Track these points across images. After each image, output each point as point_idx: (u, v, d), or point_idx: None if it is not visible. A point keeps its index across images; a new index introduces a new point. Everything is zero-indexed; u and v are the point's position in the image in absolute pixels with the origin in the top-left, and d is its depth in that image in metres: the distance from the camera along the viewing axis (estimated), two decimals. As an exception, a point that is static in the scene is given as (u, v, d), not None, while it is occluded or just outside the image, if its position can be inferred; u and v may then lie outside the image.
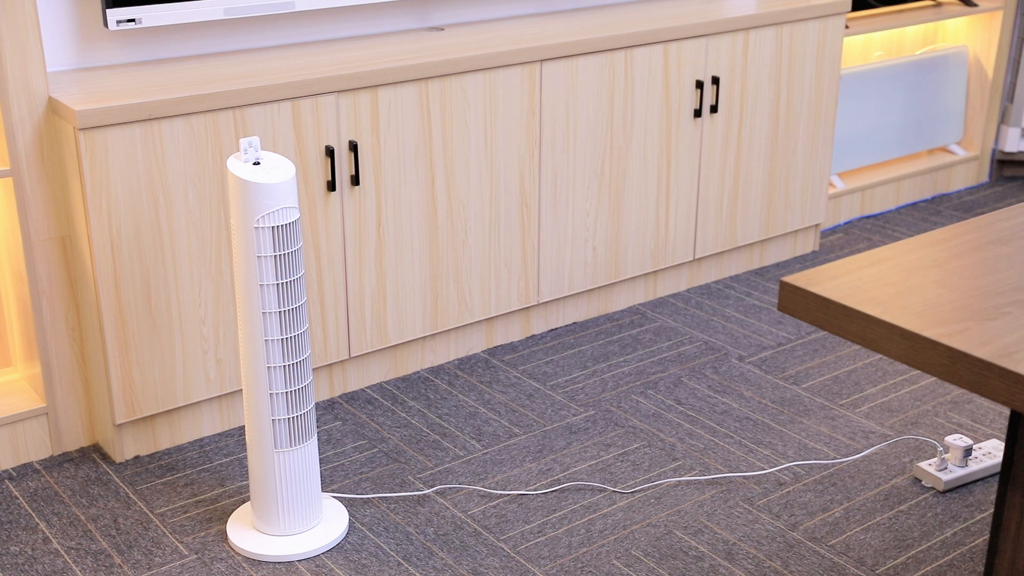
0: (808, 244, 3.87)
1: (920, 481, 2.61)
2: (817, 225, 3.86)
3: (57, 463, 2.66)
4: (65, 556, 2.35)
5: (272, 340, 2.23)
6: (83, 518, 2.47)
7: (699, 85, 3.31)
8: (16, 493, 2.55)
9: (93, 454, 2.70)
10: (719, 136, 3.44)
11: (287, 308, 2.23)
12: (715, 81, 3.34)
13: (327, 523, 2.42)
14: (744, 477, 2.62)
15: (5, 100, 2.43)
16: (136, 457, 2.69)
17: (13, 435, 2.63)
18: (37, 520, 2.46)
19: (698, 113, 3.34)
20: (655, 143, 3.30)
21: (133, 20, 2.64)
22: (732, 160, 3.50)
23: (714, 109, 3.37)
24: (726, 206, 3.54)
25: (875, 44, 4.26)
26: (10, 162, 2.47)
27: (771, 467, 2.66)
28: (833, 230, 4.06)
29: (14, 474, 2.62)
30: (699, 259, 3.58)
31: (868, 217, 4.18)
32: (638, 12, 3.40)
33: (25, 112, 2.46)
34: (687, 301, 3.51)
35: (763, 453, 2.71)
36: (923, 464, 2.62)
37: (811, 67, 3.59)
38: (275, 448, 2.30)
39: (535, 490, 2.57)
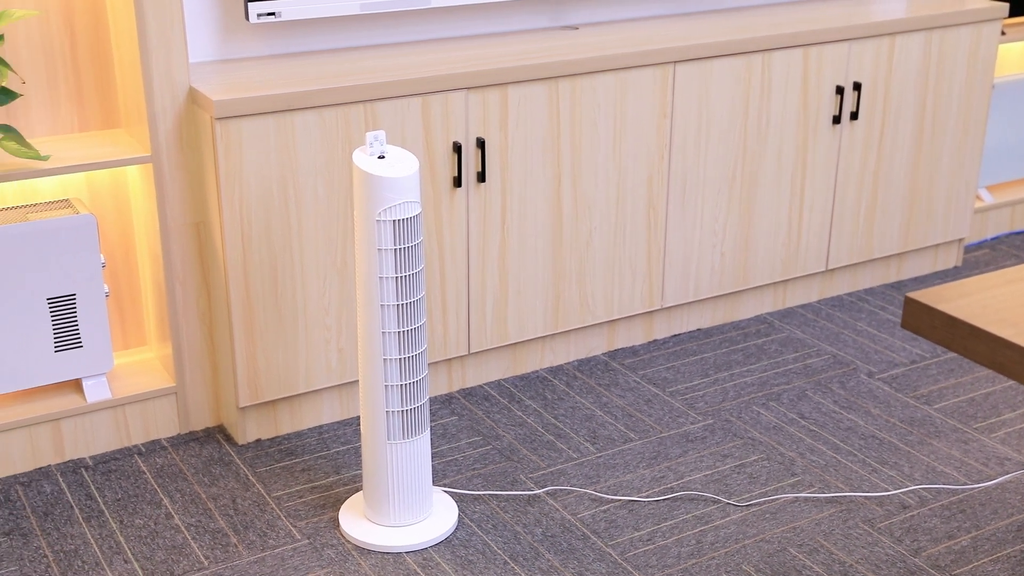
0: (951, 259, 3.71)
1: (1057, 514, 2.47)
2: (961, 240, 3.70)
3: (183, 441, 2.75)
4: (185, 532, 2.42)
5: (389, 333, 2.26)
6: (204, 496, 2.54)
7: (839, 91, 3.21)
8: (144, 468, 2.65)
9: (217, 435, 2.78)
10: (858, 144, 3.33)
11: (405, 302, 2.25)
12: (856, 87, 3.24)
13: (436, 517, 2.43)
14: (866, 497, 2.53)
15: (149, 89, 2.52)
16: (257, 440, 2.76)
17: (144, 412, 2.73)
18: (161, 496, 2.54)
19: (837, 120, 3.24)
20: (790, 149, 3.21)
21: (273, 14, 2.71)
22: (871, 169, 3.38)
23: (854, 116, 3.26)
24: (863, 216, 3.42)
25: (1033, 52, 4.06)
26: (151, 149, 2.57)
27: (896, 489, 2.55)
28: (979, 245, 3.89)
29: (143, 450, 2.72)
30: (832, 270, 3.48)
31: (1018, 233, 3.99)
32: (777, 15, 3.32)
33: (167, 101, 2.54)
34: (817, 312, 3.41)
35: (888, 474, 2.61)
36: (1061, 496, 2.48)
37: (961, 74, 3.44)
38: (388, 440, 2.33)
39: (647, 497, 2.53)
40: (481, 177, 2.77)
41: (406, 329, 2.27)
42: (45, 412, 2.62)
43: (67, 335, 2.61)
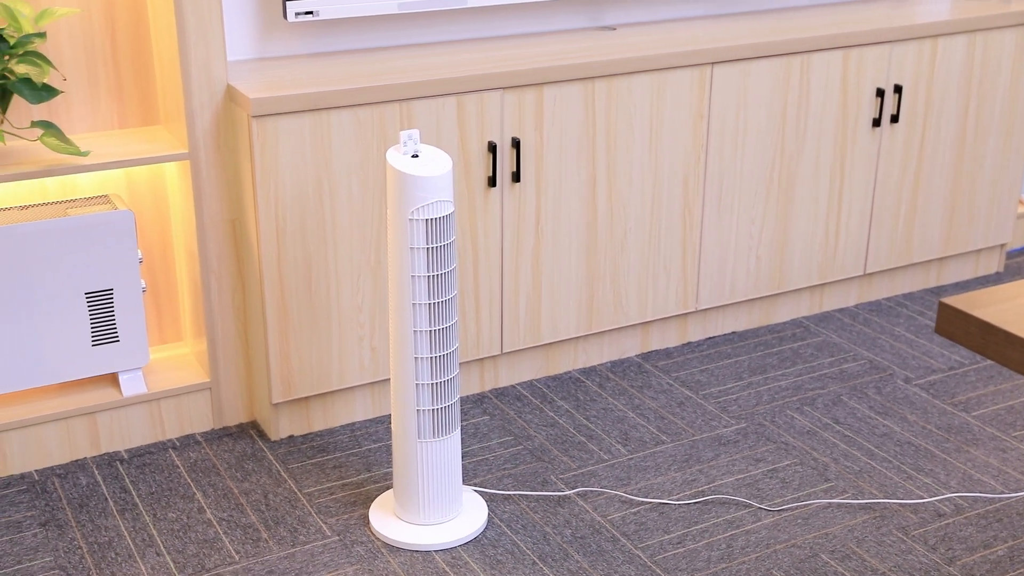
0: (992, 265, 3.66)
1: (1096, 525, 2.43)
2: (1003, 245, 3.64)
3: (217, 437, 2.77)
4: (216, 526, 2.44)
5: (420, 331, 2.26)
6: (236, 491, 2.56)
7: (880, 93, 3.18)
8: (178, 462, 2.67)
9: (251, 430, 2.80)
10: (899, 147, 3.29)
11: (437, 300, 2.25)
12: (897, 90, 3.20)
13: (466, 516, 2.43)
14: (900, 504, 2.50)
15: (188, 87, 2.54)
16: (290, 436, 2.77)
17: (179, 407, 2.75)
18: (194, 490, 2.57)
19: (877, 122, 3.21)
20: (828, 152, 3.18)
21: (311, 12, 2.72)
22: (912, 173, 3.34)
23: (895, 119, 3.22)
24: (903, 220, 3.38)
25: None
26: (189, 146, 2.59)
27: (931, 496, 2.52)
28: (1021, 251, 3.83)
29: (177, 444, 2.74)
30: (870, 274, 3.44)
31: (1061, 239, 3.93)
32: (817, 16, 3.29)
33: (205, 99, 2.56)
34: (854, 317, 3.37)
35: (923, 481, 2.58)
36: (1100, 507, 2.44)
37: (1006, 77, 3.39)
38: (418, 438, 2.33)
39: (678, 500, 2.52)
40: (516, 177, 2.77)
41: (437, 328, 2.27)
42: (81, 405, 2.65)
43: (104, 329, 2.64)
